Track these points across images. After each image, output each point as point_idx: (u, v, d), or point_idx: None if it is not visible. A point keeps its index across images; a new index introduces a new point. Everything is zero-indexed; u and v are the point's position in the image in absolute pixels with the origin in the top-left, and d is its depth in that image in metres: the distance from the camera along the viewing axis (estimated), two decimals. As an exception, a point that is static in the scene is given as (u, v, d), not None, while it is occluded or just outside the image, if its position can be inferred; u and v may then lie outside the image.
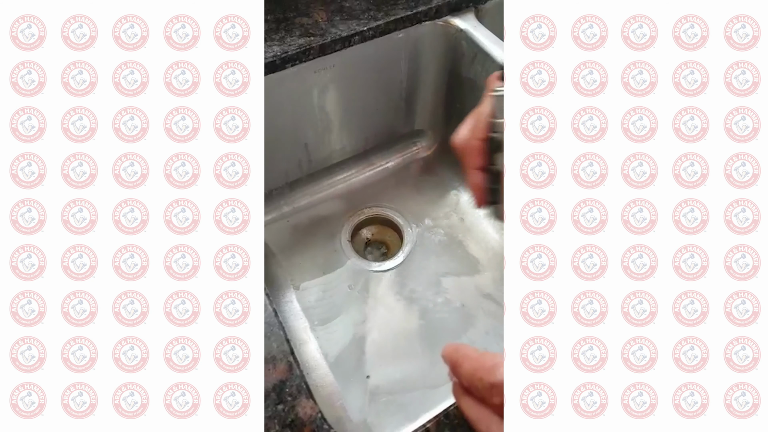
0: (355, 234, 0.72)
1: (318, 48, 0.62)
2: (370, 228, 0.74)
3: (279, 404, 0.36)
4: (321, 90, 0.68)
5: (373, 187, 0.77)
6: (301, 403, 0.37)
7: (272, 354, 0.38)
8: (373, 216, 0.74)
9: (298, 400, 0.37)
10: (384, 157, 0.79)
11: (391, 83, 0.74)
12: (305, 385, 0.37)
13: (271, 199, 0.75)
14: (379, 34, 0.65)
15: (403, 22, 0.66)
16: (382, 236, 0.73)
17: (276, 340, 0.39)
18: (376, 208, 0.74)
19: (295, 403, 0.36)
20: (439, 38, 0.70)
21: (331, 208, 0.74)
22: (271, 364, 0.38)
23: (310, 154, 0.74)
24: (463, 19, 0.68)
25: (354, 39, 0.64)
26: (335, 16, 0.65)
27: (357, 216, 0.73)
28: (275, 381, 0.37)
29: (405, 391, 0.57)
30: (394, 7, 0.67)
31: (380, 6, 0.67)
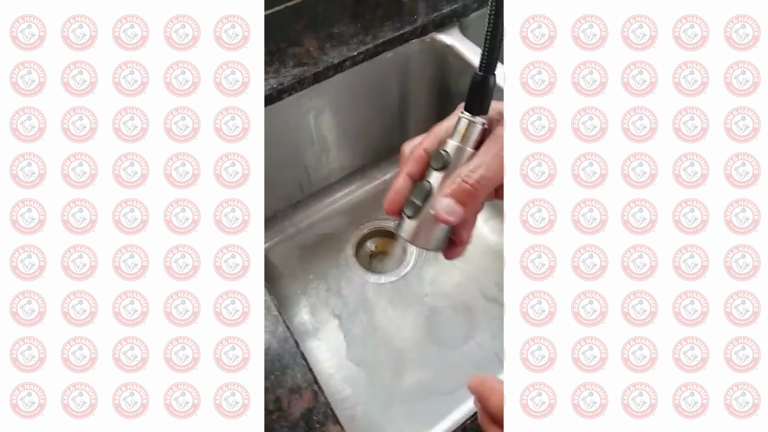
0: (359, 248, 0.74)
1: (312, 77, 0.64)
2: (373, 240, 0.75)
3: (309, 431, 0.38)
4: (317, 114, 0.69)
5: (373, 201, 0.78)
6: (329, 429, 0.38)
7: (297, 383, 0.40)
8: (376, 229, 0.75)
9: (326, 427, 0.38)
10: (381, 171, 0.81)
11: (384, 101, 0.75)
12: (330, 411, 0.39)
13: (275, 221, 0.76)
14: (369, 57, 0.67)
15: (391, 43, 0.68)
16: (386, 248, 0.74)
17: (300, 370, 0.40)
18: (377, 221, 0.75)
19: (323, 430, 0.38)
20: (426, 55, 0.72)
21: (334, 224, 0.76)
22: (297, 393, 0.39)
23: (310, 175, 0.76)
24: (448, 34, 0.70)
25: (345, 64, 0.66)
26: (326, 44, 0.66)
27: (360, 230, 0.75)
28: (302, 410, 0.39)
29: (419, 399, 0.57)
30: (382, 29, 0.68)
31: (368, 29, 0.68)
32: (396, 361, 0.61)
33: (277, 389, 0.40)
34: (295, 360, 0.41)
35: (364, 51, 0.66)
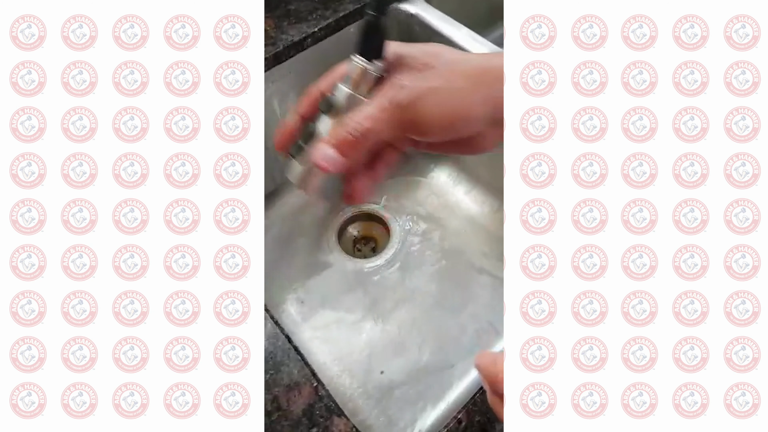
0: (341, 234, 0.72)
1: (272, 57, 0.61)
2: (355, 226, 0.73)
3: (312, 428, 0.37)
4: (281, 99, 0.67)
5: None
6: (333, 422, 0.37)
7: (294, 380, 0.39)
8: (356, 214, 0.73)
9: (330, 420, 0.37)
10: None
11: None
12: (333, 404, 0.38)
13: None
14: (331, 32, 0.65)
15: (353, 16, 0.65)
16: (369, 231, 0.73)
17: (295, 366, 0.39)
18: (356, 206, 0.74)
19: (327, 424, 0.37)
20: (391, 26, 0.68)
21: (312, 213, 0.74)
22: (295, 390, 0.38)
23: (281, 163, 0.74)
24: (412, 4, 0.68)
25: (306, 42, 0.63)
26: (283, 22, 0.64)
27: (340, 216, 0.73)
28: (304, 406, 0.38)
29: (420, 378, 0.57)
30: (342, 2, 0.66)
31: (327, 4, 0.66)
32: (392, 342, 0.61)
33: (274, 388, 0.39)
34: (288, 356, 0.40)
35: (324, 26, 0.63)
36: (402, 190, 0.74)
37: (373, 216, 0.73)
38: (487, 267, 0.66)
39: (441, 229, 0.70)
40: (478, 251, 0.67)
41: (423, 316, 0.63)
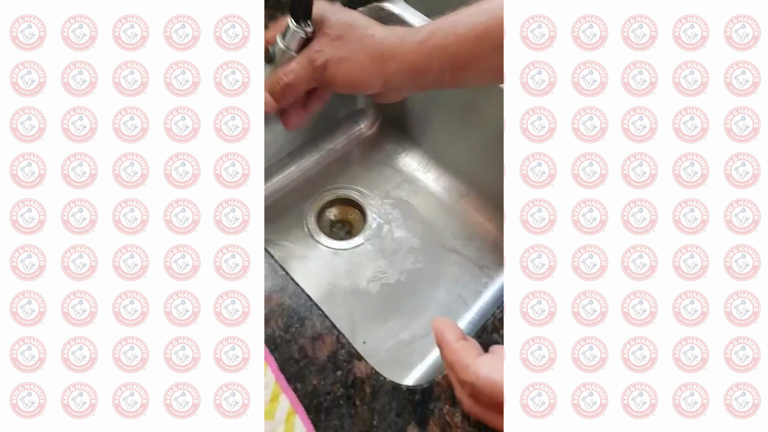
0: (319, 217, 0.75)
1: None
2: (331, 210, 0.77)
3: (337, 371, 0.40)
4: None
5: (327, 170, 0.80)
6: (355, 365, 0.41)
7: (317, 331, 0.42)
8: (333, 198, 0.77)
9: (352, 364, 0.41)
10: (331, 141, 0.82)
11: None
12: (354, 350, 0.41)
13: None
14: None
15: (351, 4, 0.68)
16: (345, 215, 0.76)
17: (318, 320, 0.43)
18: (334, 190, 0.77)
19: (350, 367, 0.40)
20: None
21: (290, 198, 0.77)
22: (319, 340, 0.42)
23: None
24: (393, 3, 0.72)
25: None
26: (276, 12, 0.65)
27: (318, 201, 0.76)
28: (328, 353, 0.41)
29: (400, 346, 0.62)
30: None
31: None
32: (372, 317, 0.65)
33: (299, 339, 0.42)
34: (311, 311, 0.43)
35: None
36: (376, 177, 0.79)
37: (349, 201, 0.77)
38: (456, 246, 0.71)
39: (413, 213, 0.75)
40: (447, 232, 0.73)
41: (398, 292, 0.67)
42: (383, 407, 0.39)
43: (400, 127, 0.82)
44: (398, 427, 0.38)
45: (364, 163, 0.81)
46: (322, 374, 0.40)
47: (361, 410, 0.39)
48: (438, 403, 0.39)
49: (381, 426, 0.38)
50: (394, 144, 0.82)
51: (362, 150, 0.83)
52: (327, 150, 0.82)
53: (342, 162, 0.81)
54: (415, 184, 0.78)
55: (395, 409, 0.39)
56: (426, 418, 0.39)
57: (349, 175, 0.79)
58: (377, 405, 0.39)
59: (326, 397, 0.39)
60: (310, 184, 0.78)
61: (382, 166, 0.80)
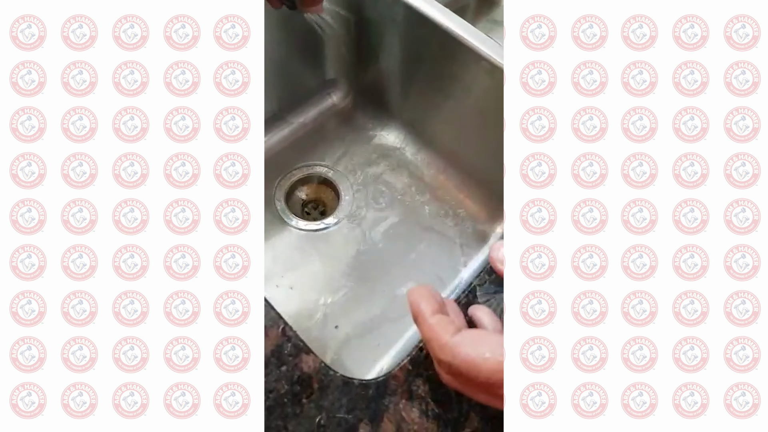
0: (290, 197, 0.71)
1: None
2: (302, 189, 0.72)
3: (282, 366, 0.38)
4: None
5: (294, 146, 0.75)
6: (302, 359, 0.38)
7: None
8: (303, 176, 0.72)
9: (299, 358, 0.38)
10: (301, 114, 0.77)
11: (295, 35, 0.70)
12: (302, 343, 0.38)
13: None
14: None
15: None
16: (317, 194, 0.72)
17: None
18: (304, 168, 0.73)
19: (296, 361, 0.38)
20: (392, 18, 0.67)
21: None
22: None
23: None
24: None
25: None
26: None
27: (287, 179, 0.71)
28: (272, 347, 0.38)
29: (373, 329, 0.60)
30: None
31: None
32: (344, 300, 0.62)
33: None
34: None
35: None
36: (350, 153, 0.74)
37: (321, 179, 0.73)
38: (434, 226, 0.68)
39: (388, 190, 0.72)
40: (424, 210, 0.70)
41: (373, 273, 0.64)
42: (332, 404, 0.36)
43: (376, 99, 0.76)
44: (349, 425, 0.36)
45: (336, 137, 0.76)
46: (264, 371, 0.37)
47: (308, 408, 0.36)
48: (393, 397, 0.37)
49: (330, 425, 0.36)
50: (369, 117, 0.77)
51: (335, 124, 0.77)
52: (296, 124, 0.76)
53: (313, 137, 0.75)
54: (392, 160, 0.74)
55: (345, 405, 0.36)
56: (380, 415, 0.36)
57: (320, 151, 0.74)
58: (326, 402, 0.36)
59: (268, 396, 0.36)
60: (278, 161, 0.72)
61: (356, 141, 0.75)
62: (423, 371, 0.39)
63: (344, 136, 0.76)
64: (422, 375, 0.39)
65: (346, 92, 0.79)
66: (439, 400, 0.38)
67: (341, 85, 0.79)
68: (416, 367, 0.39)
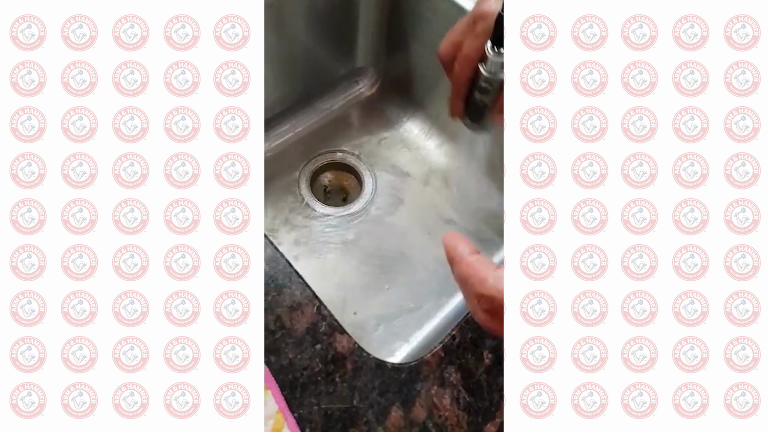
0: (313, 182, 0.71)
1: None
2: (326, 175, 0.73)
3: (316, 344, 0.38)
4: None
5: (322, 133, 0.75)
6: (336, 338, 0.38)
7: (297, 301, 0.39)
8: (328, 162, 0.73)
9: (333, 337, 0.38)
10: (328, 100, 0.77)
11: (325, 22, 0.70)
12: (336, 323, 0.39)
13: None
14: None
15: None
16: (341, 181, 0.73)
17: (297, 288, 0.40)
18: (328, 155, 0.73)
19: (331, 341, 0.38)
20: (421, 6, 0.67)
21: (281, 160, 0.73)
22: (298, 310, 0.39)
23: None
24: None
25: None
26: None
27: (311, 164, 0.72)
28: (307, 324, 0.38)
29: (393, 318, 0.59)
30: None
31: None
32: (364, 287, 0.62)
33: (276, 309, 0.39)
34: (290, 279, 0.40)
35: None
36: (374, 142, 0.75)
37: (345, 166, 0.73)
38: (455, 218, 0.68)
39: (411, 181, 0.72)
40: (447, 204, 0.70)
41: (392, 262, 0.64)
42: (365, 385, 0.36)
43: (403, 89, 0.76)
44: (381, 407, 0.36)
45: (362, 126, 0.76)
46: (299, 347, 0.37)
47: (341, 388, 0.36)
48: (425, 383, 0.37)
49: (362, 405, 0.35)
50: (395, 107, 0.77)
51: (361, 112, 0.77)
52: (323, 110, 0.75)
53: (339, 124, 0.76)
54: (415, 152, 0.74)
55: (378, 387, 0.36)
56: (412, 399, 0.36)
57: (345, 139, 0.74)
58: (359, 383, 0.36)
59: (303, 373, 0.36)
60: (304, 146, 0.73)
61: (381, 130, 0.75)
62: (455, 359, 0.39)
63: (369, 125, 0.76)
64: (454, 363, 0.39)
65: (374, 81, 0.79)
66: (470, 388, 0.38)
67: (370, 74, 0.78)
68: (449, 355, 0.39)
